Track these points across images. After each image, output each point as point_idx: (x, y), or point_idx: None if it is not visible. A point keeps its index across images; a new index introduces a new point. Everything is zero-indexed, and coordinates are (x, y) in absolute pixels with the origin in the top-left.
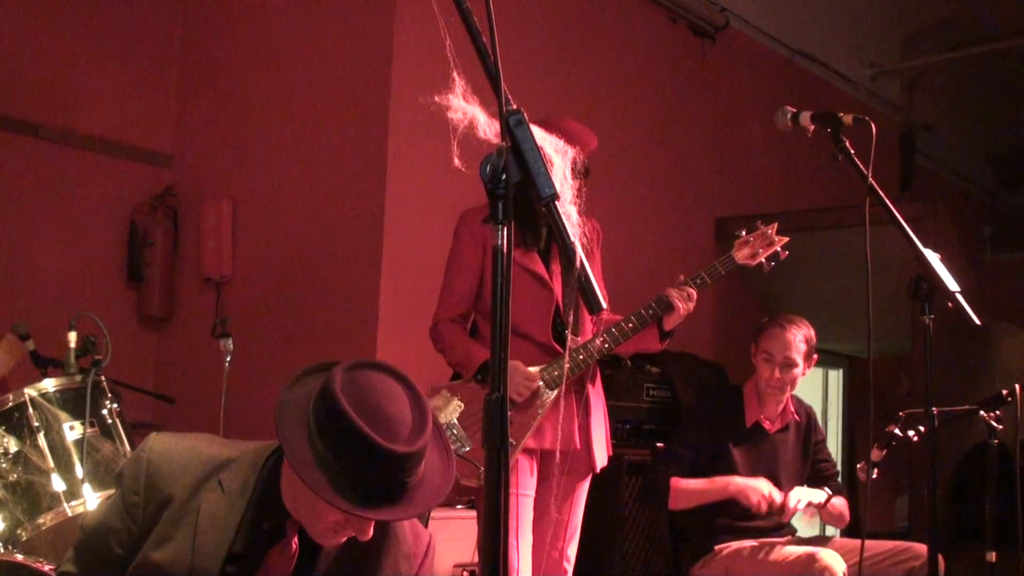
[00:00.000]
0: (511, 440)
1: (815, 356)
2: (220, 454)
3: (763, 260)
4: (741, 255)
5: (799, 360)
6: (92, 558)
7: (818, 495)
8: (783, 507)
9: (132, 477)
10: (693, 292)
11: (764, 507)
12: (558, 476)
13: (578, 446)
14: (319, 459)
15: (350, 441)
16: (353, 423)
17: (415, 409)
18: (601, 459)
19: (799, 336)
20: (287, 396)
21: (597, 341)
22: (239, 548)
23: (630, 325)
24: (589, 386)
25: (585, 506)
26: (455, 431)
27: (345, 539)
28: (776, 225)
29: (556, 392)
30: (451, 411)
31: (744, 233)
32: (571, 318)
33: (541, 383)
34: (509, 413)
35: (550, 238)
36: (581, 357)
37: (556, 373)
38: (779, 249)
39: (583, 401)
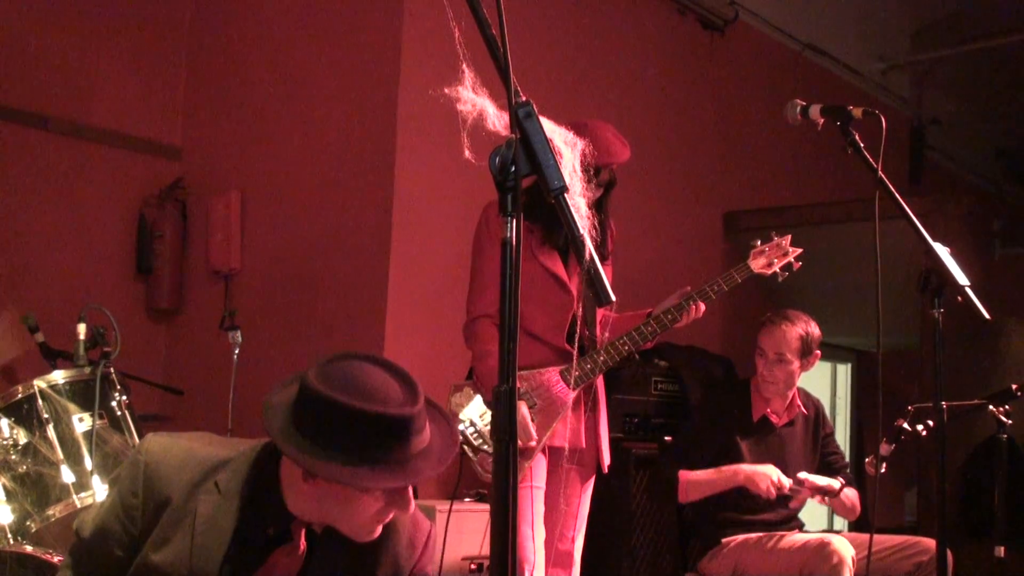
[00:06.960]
0: (533, 440)
1: (817, 352)
2: (216, 454)
3: (777, 270)
4: (757, 264)
5: (791, 356)
6: (91, 562)
7: (830, 482)
8: (793, 491)
9: (130, 479)
10: (702, 306)
11: (773, 492)
12: (566, 471)
13: (583, 444)
14: (326, 455)
15: (340, 421)
16: (337, 403)
17: (401, 383)
18: (608, 458)
19: (792, 332)
20: (273, 400)
21: (622, 343)
22: (236, 550)
23: (649, 328)
24: (598, 385)
25: (593, 500)
26: (477, 428)
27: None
28: (790, 237)
29: (576, 392)
30: (473, 408)
31: (759, 243)
32: (582, 311)
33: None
34: (531, 414)
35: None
36: (602, 359)
37: (577, 373)
38: (792, 260)
39: (592, 400)
